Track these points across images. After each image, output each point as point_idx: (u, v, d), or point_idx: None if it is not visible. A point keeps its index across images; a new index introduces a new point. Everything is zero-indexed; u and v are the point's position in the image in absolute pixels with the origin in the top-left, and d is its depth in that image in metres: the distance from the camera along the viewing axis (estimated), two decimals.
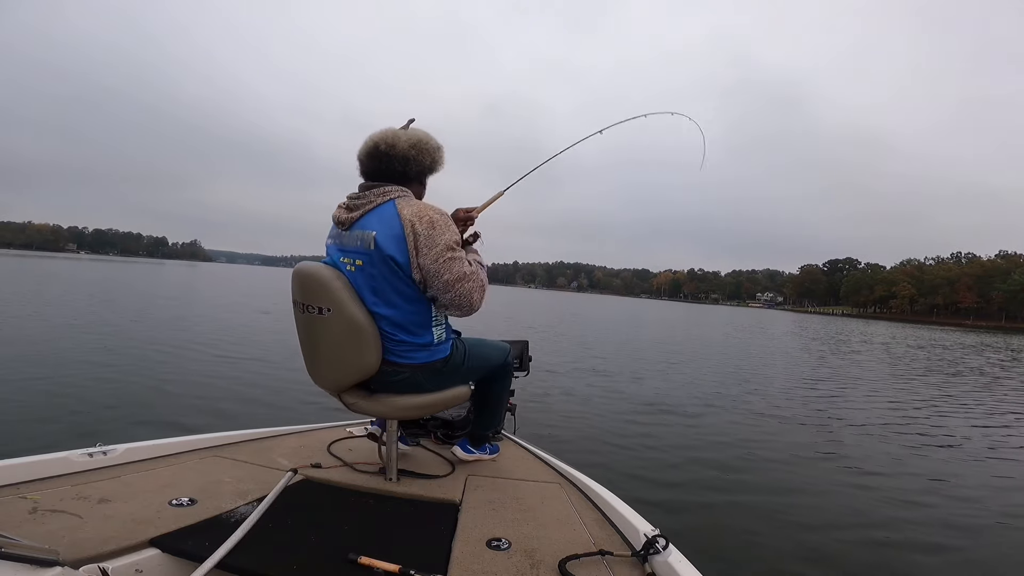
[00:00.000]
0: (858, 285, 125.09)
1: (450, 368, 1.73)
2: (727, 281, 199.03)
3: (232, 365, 6.92)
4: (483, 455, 2.07)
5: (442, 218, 1.56)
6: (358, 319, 1.56)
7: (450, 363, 1.73)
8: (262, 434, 2.19)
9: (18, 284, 19.24)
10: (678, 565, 1.25)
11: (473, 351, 1.84)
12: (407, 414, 1.74)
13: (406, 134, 1.64)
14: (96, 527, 1.28)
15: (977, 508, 3.65)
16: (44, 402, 4.46)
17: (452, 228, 1.57)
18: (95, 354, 6.79)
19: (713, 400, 7.03)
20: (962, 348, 22.83)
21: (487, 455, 2.09)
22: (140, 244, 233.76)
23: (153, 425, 4.04)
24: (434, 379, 1.71)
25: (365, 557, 1.22)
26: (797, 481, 4.00)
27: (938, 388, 9.74)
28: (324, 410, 4.51)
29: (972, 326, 75.93)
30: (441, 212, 1.59)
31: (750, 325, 34.41)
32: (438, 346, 1.68)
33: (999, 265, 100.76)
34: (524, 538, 1.43)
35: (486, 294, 1.66)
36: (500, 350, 1.98)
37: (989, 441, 5.72)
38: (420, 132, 1.67)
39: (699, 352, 13.98)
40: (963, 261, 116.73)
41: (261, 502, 1.50)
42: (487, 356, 1.91)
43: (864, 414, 6.80)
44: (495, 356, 1.95)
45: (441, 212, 1.59)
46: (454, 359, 1.74)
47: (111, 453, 1.72)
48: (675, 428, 5.38)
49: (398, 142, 1.61)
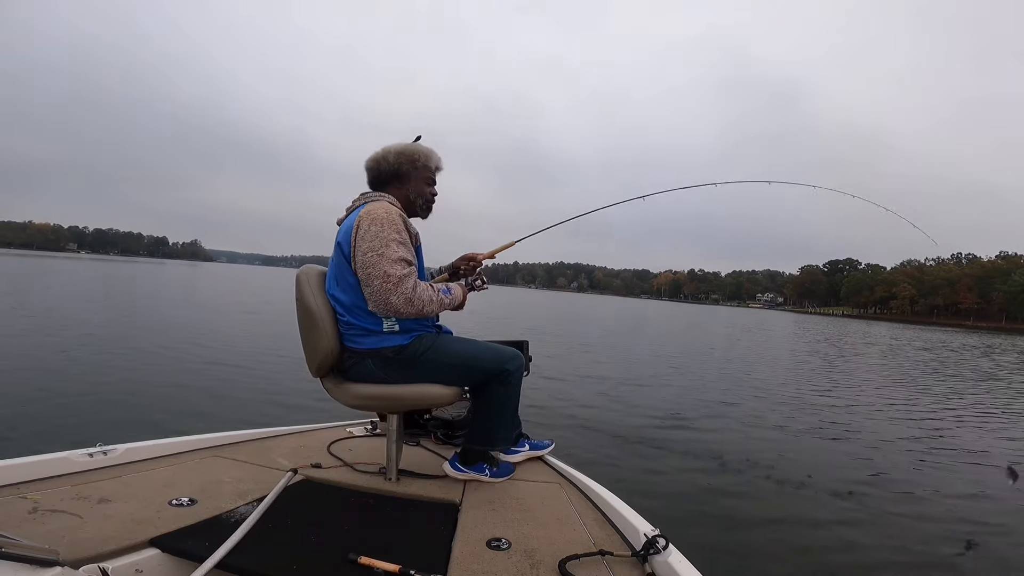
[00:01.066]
0: (858, 286, 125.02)
1: (404, 359, 1.72)
2: (727, 282, 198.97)
3: (233, 365, 6.92)
4: (478, 475, 1.85)
5: (388, 218, 1.65)
6: (312, 304, 1.71)
7: (404, 353, 1.72)
8: (262, 434, 2.19)
9: (28, 284, 19.24)
10: (678, 565, 1.25)
11: (444, 348, 1.76)
12: (366, 404, 1.76)
13: (395, 146, 1.86)
14: (96, 527, 1.28)
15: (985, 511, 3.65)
16: (44, 402, 4.45)
17: (395, 230, 1.64)
18: (95, 353, 6.79)
19: (713, 400, 7.02)
20: (970, 349, 22.80)
21: (485, 476, 1.85)
22: (140, 244, 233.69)
23: (153, 425, 4.03)
24: (388, 369, 1.72)
25: (365, 557, 1.22)
26: (797, 481, 3.99)
27: (941, 390, 9.72)
28: (324, 410, 4.51)
29: (973, 327, 75.89)
30: (392, 215, 1.66)
31: (752, 326, 34.37)
32: (389, 334, 1.71)
33: (999, 266, 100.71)
34: (524, 538, 1.43)
35: (414, 308, 1.63)
36: (494, 354, 1.82)
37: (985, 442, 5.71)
38: (402, 144, 1.87)
39: (700, 353, 13.98)
40: (963, 262, 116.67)
41: (261, 502, 1.50)
42: (468, 357, 1.79)
43: (864, 415, 6.79)
44: (485, 359, 1.80)
45: (392, 215, 1.66)
46: (410, 350, 1.72)
47: (111, 453, 1.72)
48: (675, 428, 5.37)
49: (386, 154, 1.84)
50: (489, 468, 1.86)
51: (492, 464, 1.88)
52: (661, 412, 6.06)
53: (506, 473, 1.89)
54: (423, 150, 1.87)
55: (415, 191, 1.86)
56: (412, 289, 1.62)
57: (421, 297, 1.64)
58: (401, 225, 1.68)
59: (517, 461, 2.04)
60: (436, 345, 1.75)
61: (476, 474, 1.84)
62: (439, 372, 1.74)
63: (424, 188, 1.88)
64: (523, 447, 2.10)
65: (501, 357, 1.81)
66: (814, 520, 3.29)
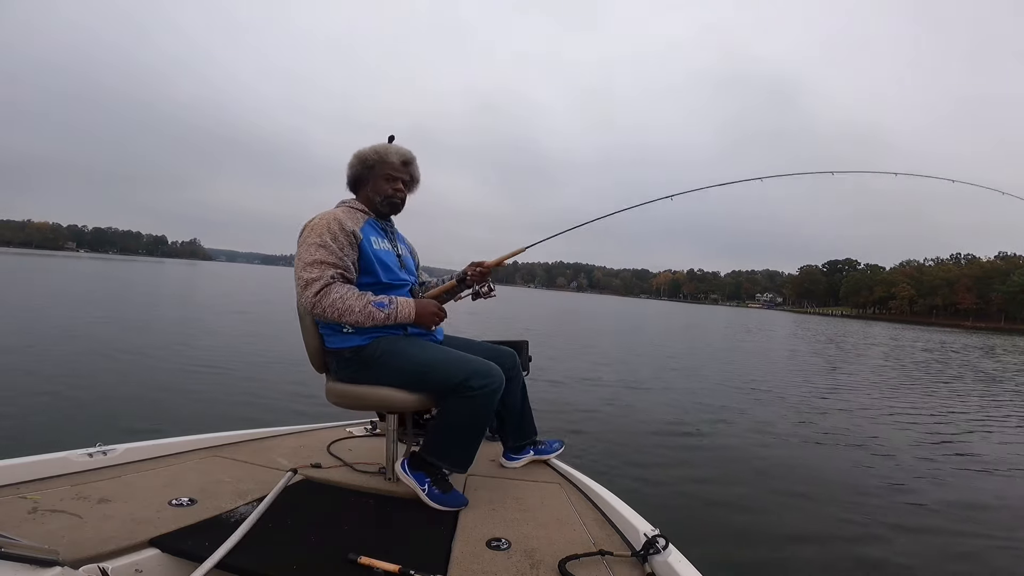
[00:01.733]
0: (857, 286, 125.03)
1: (360, 360, 1.73)
2: (727, 281, 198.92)
3: (232, 365, 6.91)
4: (416, 486, 1.64)
5: (317, 224, 1.71)
6: (298, 305, 1.78)
7: (361, 355, 1.72)
8: (262, 434, 2.19)
9: (26, 283, 19.22)
10: (678, 565, 1.26)
11: (401, 352, 1.70)
12: (337, 401, 1.79)
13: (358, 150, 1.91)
14: (96, 527, 1.28)
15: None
16: (44, 402, 4.45)
17: (317, 235, 1.67)
18: (94, 353, 6.78)
19: (714, 400, 7.02)
20: (972, 350, 22.79)
21: (421, 491, 1.62)
22: (139, 243, 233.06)
23: (153, 425, 4.03)
24: (349, 369, 1.75)
25: (365, 557, 1.22)
26: (798, 481, 4.00)
27: (943, 390, 9.74)
28: (324, 410, 4.49)
29: (972, 327, 75.94)
30: (323, 222, 1.71)
31: (752, 327, 34.38)
32: (348, 335, 1.74)
33: (998, 266, 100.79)
34: (524, 538, 1.43)
35: (326, 313, 1.63)
36: (458, 367, 1.65)
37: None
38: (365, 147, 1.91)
39: (701, 353, 13.99)
40: (962, 262, 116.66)
41: (261, 502, 1.50)
42: (423, 364, 1.67)
43: (864, 415, 6.80)
44: (443, 370, 1.65)
45: (323, 222, 1.71)
46: (367, 352, 1.72)
47: (111, 453, 1.72)
48: (675, 428, 5.38)
49: (351, 159, 1.91)
50: (431, 485, 1.63)
51: (438, 484, 1.64)
52: (661, 412, 6.07)
53: (453, 503, 1.61)
54: (378, 149, 1.87)
55: (373, 190, 1.88)
56: (317, 294, 1.62)
57: (334, 303, 1.62)
58: (329, 229, 1.69)
59: (517, 467, 2.03)
60: (394, 349, 1.71)
61: (415, 483, 1.64)
62: (396, 377, 1.70)
63: (383, 186, 1.87)
64: (527, 453, 2.06)
65: (465, 371, 1.63)
66: (815, 521, 3.29)
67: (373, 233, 1.83)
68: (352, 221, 1.77)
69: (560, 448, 2.14)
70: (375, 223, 1.88)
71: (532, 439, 2.07)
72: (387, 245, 1.86)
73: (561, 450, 2.14)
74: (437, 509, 1.60)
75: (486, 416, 1.68)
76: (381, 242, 1.84)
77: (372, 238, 1.81)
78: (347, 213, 1.80)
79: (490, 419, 1.75)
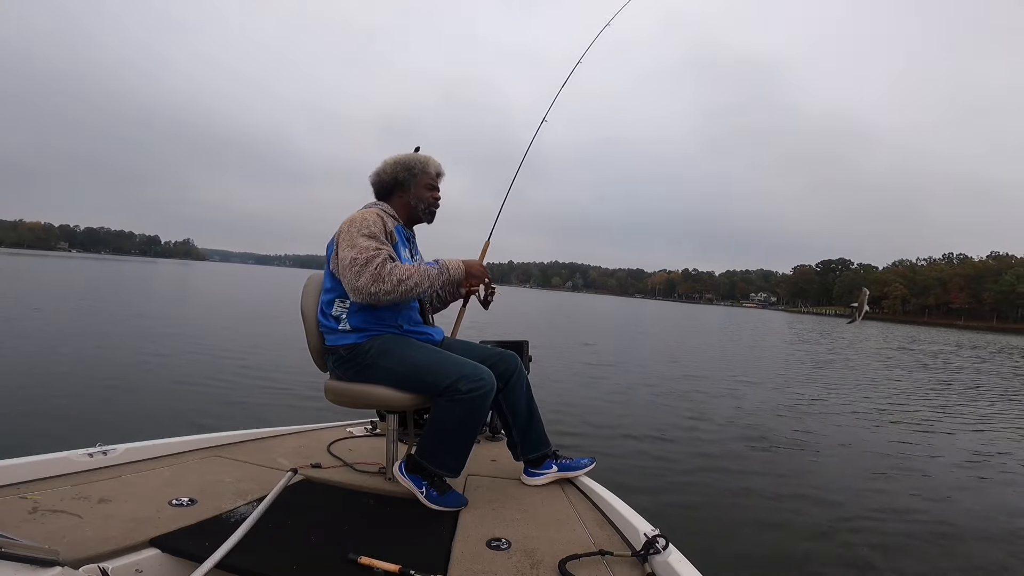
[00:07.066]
0: (851, 285, 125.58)
1: (353, 358, 1.74)
2: (721, 281, 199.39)
3: (231, 365, 6.88)
4: (414, 488, 1.65)
5: (360, 219, 1.74)
6: (303, 305, 1.88)
7: (355, 352, 1.74)
8: (262, 434, 2.19)
9: (22, 283, 19.05)
10: (678, 565, 1.26)
11: (393, 351, 1.71)
12: (333, 398, 1.80)
13: (392, 157, 1.94)
14: (96, 527, 1.27)
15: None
16: (44, 402, 4.42)
17: (363, 226, 1.71)
18: (93, 353, 6.74)
19: (713, 400, 7.06)
20: (969, 349, 22.93)
21: (419, 493, 1.63)
22: (132, 243, 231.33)
23: (153, 425, 4.01)
24: (344, 367, 1.77)
25: (365, 557, 1.22)
26: (798, 481, 4.02)
27: (941, 390, 9.81)
28: (324, 410, 4.49)
29: (964, 326, 76.56)
30: (366, 218, 1.74)
31: (748, 327, 34.49)
32: (345, 332, 1.76)
33: (990, 266, 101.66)
34: (524, 538, 1.44)
35: (387, 285, 1.61)
36: (449, 370, 1.65)
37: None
38: (400, 154, 1.95)
39: (699, 351, 14.03)
40: (955, 262, 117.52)
41: (261, 502, 1.50)
42: (414, 365, 1.68)
43: (865, 415, 6.85)
44: (433, 372, 1.65)
45: (366, 218, 1.74)
46: (361, 350, 1.73)
47: (111, 453, 1.72)
48: (675, 428, 5.39)
49: (385, 166, 1.93)
50: (428, 488, 1.63)
51: (435, 486, 1.64)
52: (661, 413, 6.09)
53: (451, 504, 1.62)
54: (420, 158, 1.93)
55: (416, 197, 1.91)
56: (381, 266, 1.62)
57: (393, 273, 1.63)
58: (375, 223, 1.73)
59: (540, 484, 1.87)
60: (387, 348, 1.72)
61: (412, 486, 1.65)
62: (388, 375, 1.70)
63: (425, 193, 1.93)
64: (549, 468, 1.88)
65: (455, 373, 1.63)
66: (815, 522, 3.31)
67: (400, 240, 1.86)
68: (388, 224, 1.81)
69: (590, 465, 1.93)
70: (402, 230, 1.90)
71: (550, 451, 1.91)
72: (407, 254, 1.88)
73: (591, 467, 1.93)
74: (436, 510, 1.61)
75: (476, 420, 1.67)
76: (403, 251, 1.86)
77: (398, 245, 1.84)
78: (383, 216, 1.81)
79: (481, 423, 1.73)
